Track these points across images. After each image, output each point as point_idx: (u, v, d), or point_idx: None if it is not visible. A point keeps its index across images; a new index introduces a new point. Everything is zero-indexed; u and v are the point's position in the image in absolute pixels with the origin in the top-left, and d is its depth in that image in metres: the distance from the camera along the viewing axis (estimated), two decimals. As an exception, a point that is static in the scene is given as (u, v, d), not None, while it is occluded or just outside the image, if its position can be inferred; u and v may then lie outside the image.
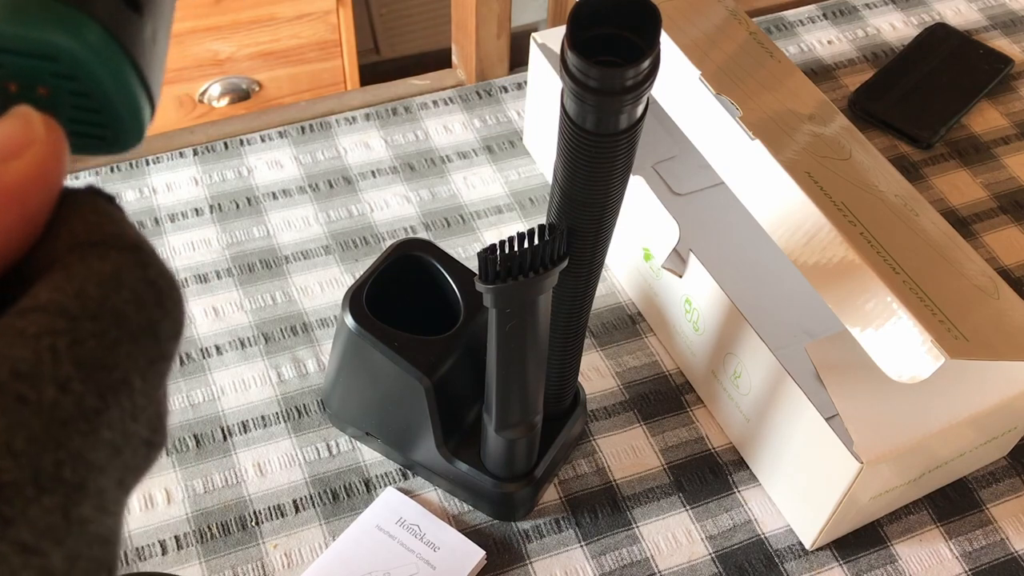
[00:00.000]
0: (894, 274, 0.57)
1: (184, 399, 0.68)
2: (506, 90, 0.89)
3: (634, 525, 0.64)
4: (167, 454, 0.66)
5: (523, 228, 0.77)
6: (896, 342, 0.55)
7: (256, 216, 0.78)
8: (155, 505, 0.64)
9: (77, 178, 0.80)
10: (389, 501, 0.64)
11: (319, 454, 0.66)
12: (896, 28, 0.96)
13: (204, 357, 0.70)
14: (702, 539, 0.64)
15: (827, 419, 0.58)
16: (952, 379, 0.59)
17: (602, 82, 0.43)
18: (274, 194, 0.80)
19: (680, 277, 0.67)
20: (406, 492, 0.65)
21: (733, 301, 0.63)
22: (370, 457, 0.66)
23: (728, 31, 0.71)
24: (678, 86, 0.68)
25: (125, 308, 0.27)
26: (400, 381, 0.59)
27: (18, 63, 0.30)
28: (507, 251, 0.49)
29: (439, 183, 0.81)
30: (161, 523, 0.63)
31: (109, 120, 0.32)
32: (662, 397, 0.70)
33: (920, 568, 0.63)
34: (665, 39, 0.68)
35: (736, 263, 0.75)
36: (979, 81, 0.90)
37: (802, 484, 0.62)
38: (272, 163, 0.82)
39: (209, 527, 0.63)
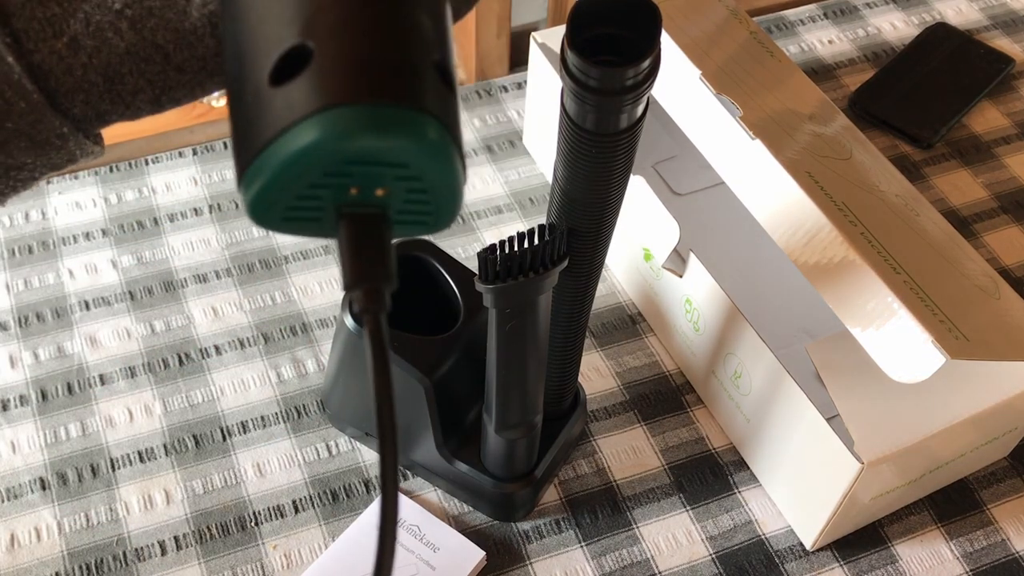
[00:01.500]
0: (895, 274, 0.57)
1: (184, 399, 0.68)
2: (506, 90, 0.89)
3: (634, 526, 0.64)
4: (166, 454, 0.66)
5: (523, 228, 0.77)
6: (897, 342, 0.55)
7: (256, 216, 0.78)
8: (154, 506, 0.63)
9: (76, 178, 0.80)
10: (389, 501, 0.64)
11: (319, 454, 0.66)
12: (897, 28, 0.96)
13: (203, 357, 0.70)
14: (702, 540, 0.64)
15: (828, 419, 0.58)
16: (953, 379, 0.59)
17: (602, 82, 0.43)
18: (274, 194, 0.80)
19: (680, 277, 0.67)
20: (406, 493, 0.64)
21: (733, 301, 0.63)
22: (370, 457, 0.66)
23: (728, 31, 0.71)
24: (678, 86, 0.68)
25: None
26: (400, 381, 0.59)
27: (368, 171, 0.31)
28: (507, 251, 0.49)
29: (439, 183, 0.81)
30: (160, 523, 0.63)
31: (436, 208, 0.33)
32: (662, 397, 0.70)
33: (921, 569, 0.63)
34: (665, 39, 0.68)
35: (736, 263, 0.74)
36: (980, 81, 0.90)
37: (803, 484, 0.62)
38: (272, 163, 0.82)
39: (208, 528, 0.63)
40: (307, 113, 0.30)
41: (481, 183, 0.81)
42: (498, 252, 0.49)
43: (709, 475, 0.67)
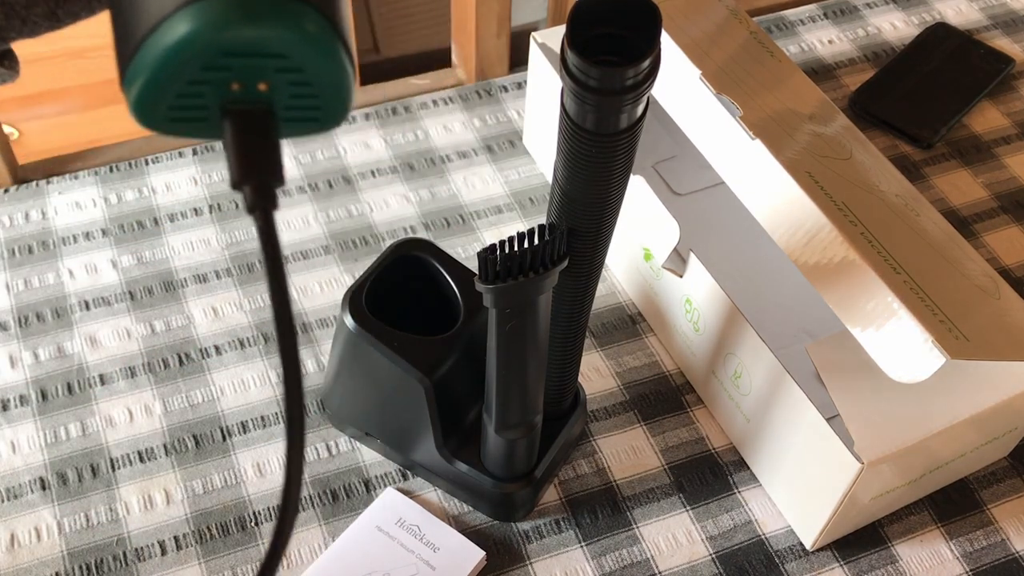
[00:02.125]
0: (895, 274, 0.57)
1: (183, 399, 0.68)
2: (506, 90, 0.89)
3: (634, 526, 0.64)
4: (166, 454, 0.66)
5: (523, 228, 0.77)
6: (897, 342, 0.55)
7: (256, 216, 0.78)
8: (154, 506, 0.63)
9: (76, 178, 0.80)
10: (389, 502, 0.64)
11: (319, 454, 0.66)
12: (897, 28, 0.96)
13: (203, 357, 0.70)
14: (702, 540, 0.64)
15: (828, 419, 0.58)
16: (953, 379, 0.59)
17: (602, 82, 0.43)
18: (274, 194, 0.80)
19: (680, 277, 0.67)
20: (406, 492, 0.64)
21: (733, 301, 0.63)
22: (370, 457, 0.66)
23: (728, 30, 0.71)
24: (678, 86, 0.68)
25: None
26: (400, 381, 0.59)
27: (247, 64, 0.31)
28: (507, 251, 0.49)
29: (439, 183, 0.81)
30: (160, 523, 0.63)
31: (325, 101, 0.33)
32: (662, 397, 0.70)
33: (921, 569, 0.63)
34: (665, 38, 0.68)
35: (736, 263, 0.74)
36: (980, 81, 0.90)
37: (803, 484, 0.62)
38: (272, 163, 0.82)
39: (208, 528, 0.63)
40: (180, 4, 0.30)
41: (481, 183, 0.81)
42: (498, 252, 0.49)
43: (709, 475, 0.67)
